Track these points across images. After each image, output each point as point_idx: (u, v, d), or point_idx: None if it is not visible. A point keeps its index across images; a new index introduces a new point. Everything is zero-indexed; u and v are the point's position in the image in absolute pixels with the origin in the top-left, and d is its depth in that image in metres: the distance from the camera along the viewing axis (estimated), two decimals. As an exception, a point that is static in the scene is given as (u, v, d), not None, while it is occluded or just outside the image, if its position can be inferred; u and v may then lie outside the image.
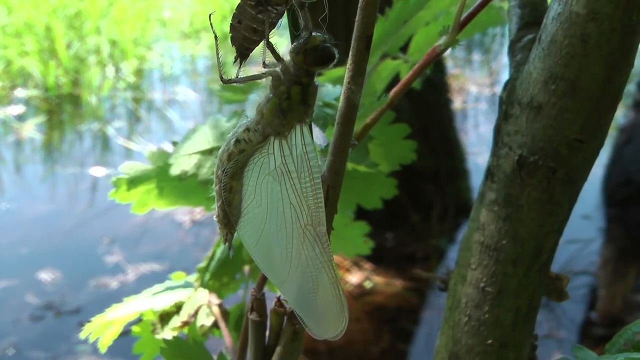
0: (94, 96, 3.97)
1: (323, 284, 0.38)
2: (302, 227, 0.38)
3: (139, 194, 0.63)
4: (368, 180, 0.60)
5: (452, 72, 4.38)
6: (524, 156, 0.47)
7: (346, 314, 0.38)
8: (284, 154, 0.38)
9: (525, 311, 0.52)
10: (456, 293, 0.54)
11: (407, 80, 0.46)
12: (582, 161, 0.47)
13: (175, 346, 0.56)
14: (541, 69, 0.46)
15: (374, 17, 0.38)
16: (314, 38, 0.37)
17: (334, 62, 0.38)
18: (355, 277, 2.32)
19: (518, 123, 0.48)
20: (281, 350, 0.46)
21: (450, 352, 0.54)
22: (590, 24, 0.43)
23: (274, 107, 0.38)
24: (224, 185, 0.40)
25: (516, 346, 0.53)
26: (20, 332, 2.07)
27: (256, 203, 0.39)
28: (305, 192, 0.38)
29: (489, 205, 0.50)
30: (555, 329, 2.05)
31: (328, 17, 0.36)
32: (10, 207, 2.82)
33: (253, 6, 0.36)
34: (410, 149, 0.56)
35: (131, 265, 2.40)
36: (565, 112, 0.45)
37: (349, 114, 0.39)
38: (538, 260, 0.50)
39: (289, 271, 0.39)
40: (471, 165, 2.89)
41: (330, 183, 0.40)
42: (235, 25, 0.37)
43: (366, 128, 0.46)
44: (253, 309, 0.48)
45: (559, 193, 0.48)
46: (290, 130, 0.39)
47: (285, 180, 0.38)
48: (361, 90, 0.39)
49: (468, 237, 0.53)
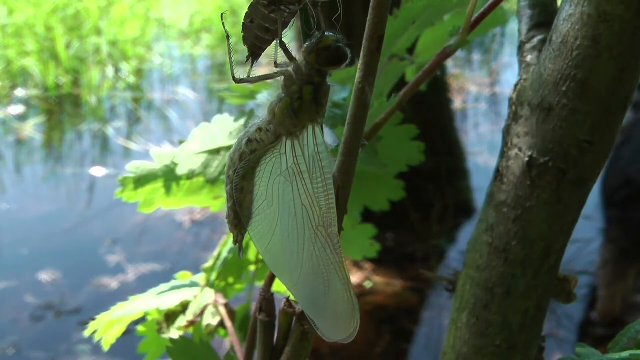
0: (94, 96, 3.96)
1: (334, 286, 0.38)
2: (314, 228, 0.38)
3: (146, 193, 0.63)
4: (376, 181, 0.60)
5: (452, 72, 4.38)
6: (534, 157, 0.47)
7: (358, 316, 0.38)
8: (296, 154, 0.38)
9: (533, 313, 0.52)
10: (464, 294, 0.53)
11: (418, 81, 0.46)
12: (592, 163, 0.47)
13: (182, 346, 0.56)
14: (552, 70, 0.46)
15: (386, 17, 0.38)
16: (326, 38, 0.37)
17: (346, 62, 0.37)
18: (355, 277, 2.32)
19: (528, 124, 0.47)
20: (290, 350, 0.46)
21: (458, 353, 0.54)
22: (602, 25, 0.43)
23: (286, 107, 0.38)
24: (236, 185, 0.39)
25: (524, 348, 0.53)
26: (20, 332, 2.07)
27: (268, 204, 0.39)
28: (317, 193, 0.37)
29: (498, 206, 0.50)
30: (556, 329, 2.05)
31: (342, 17, 0.36)
32: (10, 207, 2.81)
33: (266, 5, 0.36)
34: (418, 150, 0.56)
35: (131, 265, 2.40)
36: (576, 113, 0.45)
37: (360, 114, 0.39)
38: (547, 261, 0.50)
39: (300, 272, 0.38)
40: (471, 165, 2.89)
41: (340, 184, 0.40)
42: (248, 24, 0.37)
43: (376, 128, 0.46)
44: (262, 309, 0.48)
45: (569, 195, 0.48)
46: (302, 130, 0.38)
47: (297, 180, 0.38)
48: (372, 90, 0.39)
49: (476, 238, 0.53)
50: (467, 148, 3.01)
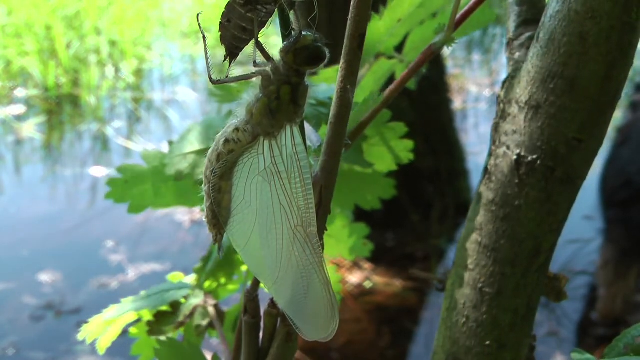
0: (94, 96, 3.96)
1: (314, 285, 0.38)
2: (293, 228, 0.37)
3: (135, 195, 0.62)
4: (365, 180, 0.59)
5: (452, 72, 4.37)
6: (522, 155, 0.47)
7: (337, 315, 0.38)
8: (273, 155, 0.38)
9: (523, 312, 0.51)
10: (454, 294, 0.53)
11: (403, 79, 0.46)
12: (581, 160, 0.46)
13: (169, 347, 0.56)
14: (539, 67, 0.45)
15: (367, 16, 0.37)
16: (304, 37, 0.36)
17: (324, 62, 0.37)
18: (355, 277, 2.31)
19: (516, 122, 0.47)
20: (275, 351, 0.46)
21: (448, 353, 0.53)
22: (589, 21, 0.42)
23: (263, 107, 0.38)
24: (213, 185, 0.39)
25: (514, 347, 0.52)
26: (20, 332, 2.07)
27: (246, 204, 0.39)
28: (296, 193, 0.37)
29: (487, 205, 0.50)
30: (555, 329, 2.05)
31: (318, 16, 0.36)
32: (10, 208, 2.81)
33: (242, 5, 0.35)
34: (407, 148, 0.56)
35: (131, 265, 2.40)
36: (564, 110, 0.45)
37: (342, 113, 0.39)
38: (536, 260, 0.49)
39: (279, 272, 0.38)
40: (471, 165, 2.88)
41: (323, 183, 0.40)
42: (225, 24, 0.36)
43: (360, 127, 0.46)
44: (247, 311, 0.47)
45: (558, 193, 0.47)
46: (279, 130, 0.38)
47: (275, 180, 0.38)
48: (354, 89, 0.39)
49: (465, 237, 0.52)
50: (467, 148, 3.00)
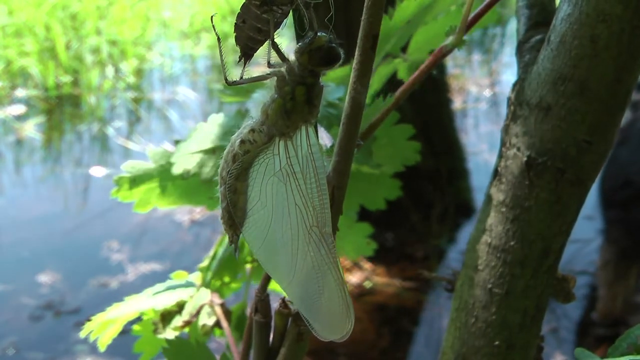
0: (94, 96, 3.96)
1: (329, 285, 0.38)
2: (308, 228, 0.37)
3: (141, 193, 0.62)
4: (372, 181, 0.60)
5: (452, 72, 4.37)
6: (532, 157, 0.47)
7: (352, 315, 0.38)
8: (289, 155, 0.38)
9: (532, 312, 0.51)
10: (463, 294, 0.53)
11: (414, 80, 0.46)
12: (591, 162, 0.47)
13: (177, 346, 0.56)
14: (550, 69, 0.45)
15: (380, 17, 0.37)
16: (319, 38, 0.36)
17: (339, 63, 0.37)
18: (355, 277, 2.31)
19: (526, 124, 0.47)
20: (285, 351, 0.46)
21: (457, 353, 0.54)
22: (600, 25, 0.42)
23: (279, 108, 0.38)
24: (229, 186, 0.39)
25: (523, 347, 0.52)
26: (20, 332, 2.07)
27: (261, 204, 0.39)
28: (311, 193, 0.37)
29: (497, 206, 0.50)
30: (556, 329, 2.05)
31: (334, 17, 0.36)
32: (10, 208, 2.81)
33: (258, 6, 0.35)
34: (415, 150, 0.56)
35: (131, 265, 2.39)
36: (574, 113, 0.45)
37: (355, 114, 0.39)
38: (546, 261, 0.50)
39: (294, 272, 0.38)
40: (471, 165, 2.88)
41: (335, 184, 0.40)
42: (240, 24, 0.37)
43: (372, 128, 0.46)
44: (257, 310, 0.47)
45: (567, 194, 0.47)
46: (295, 130, 0.38)
47: (291, 181, 0.38)
48: (367, 90, 0.39)
49: (475, 238, 0.52)
50: (467, 148, 3.01)
